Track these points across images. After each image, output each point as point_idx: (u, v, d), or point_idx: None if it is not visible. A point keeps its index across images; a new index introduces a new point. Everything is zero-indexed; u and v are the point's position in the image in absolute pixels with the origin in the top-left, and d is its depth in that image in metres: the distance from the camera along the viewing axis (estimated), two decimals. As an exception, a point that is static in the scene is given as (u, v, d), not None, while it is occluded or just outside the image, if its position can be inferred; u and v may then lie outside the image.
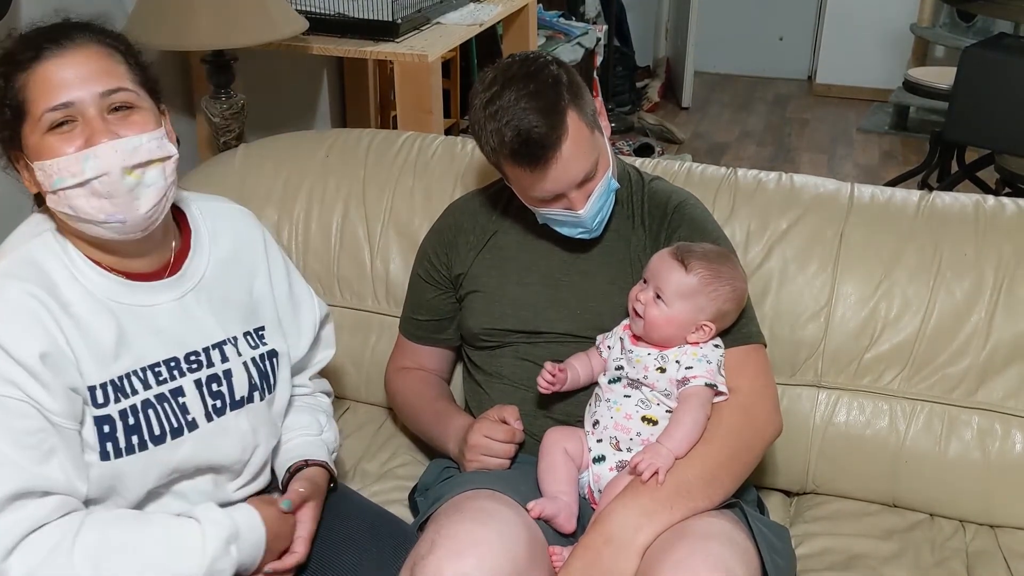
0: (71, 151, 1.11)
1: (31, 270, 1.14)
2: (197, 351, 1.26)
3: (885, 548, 1.53)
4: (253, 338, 1.35)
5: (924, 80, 4.17)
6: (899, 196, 1.73)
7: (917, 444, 1.61)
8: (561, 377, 1.44)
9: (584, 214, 1.44)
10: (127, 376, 1.19)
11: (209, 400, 1.26)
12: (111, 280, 1.19)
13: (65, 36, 1.14)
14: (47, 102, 1.11)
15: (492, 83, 1.39)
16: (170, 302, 1.24)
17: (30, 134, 1.13)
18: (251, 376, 1.32)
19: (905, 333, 1.62)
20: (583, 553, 1.25)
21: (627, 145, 4.51)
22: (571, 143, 1.37)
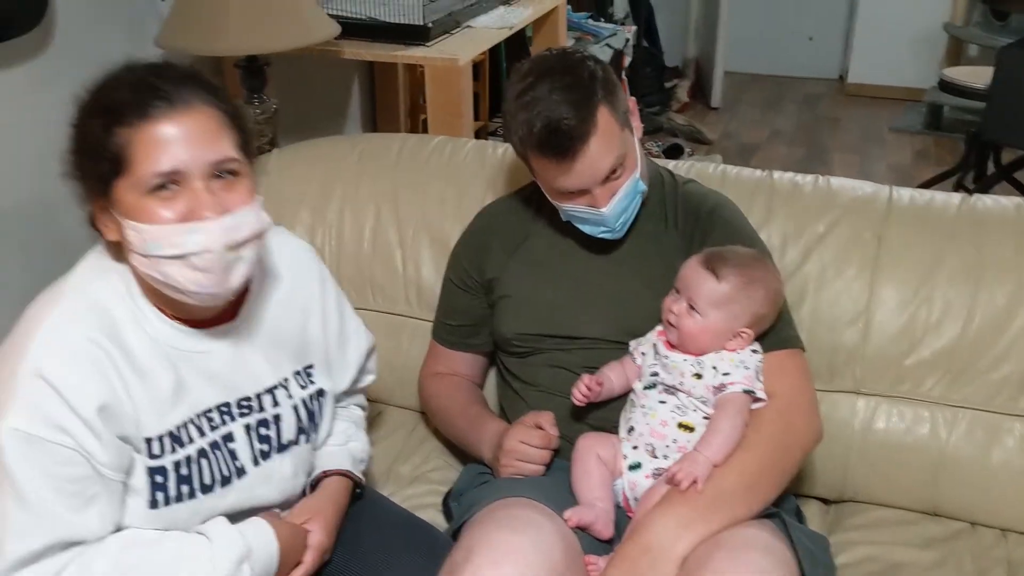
0: (171, 218, 1.07)
1: (95, 314, 1.11)
2: (249, 396, 1.25)
3: (926, 557, 1.51)
4: (302, 377, 1.34)
5: (960, 79, 4.11)
6: (939, 199, 1.70)
7: (958, 452, 1.59)
8: (597, 390, 1.43)
9: (607, 212, 1.43)
10: (183, 426, 1.17)
11: (257, 445, 1.25)
12: (173, 328, 1.17)
13: (176, 93, 1.08)
14: (153, 166, 1.06)
15: (528, 74, 1.39)
16: (224, 348, 1.22)
17: (127, 191, 1.08)
18: (300, 419, 1.31)
19: (946, 338, 1.60)
20: (620, 563, 1.24)
21: (656, 146, 4.49)
22: (599, 138, 1.36)
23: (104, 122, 1.07)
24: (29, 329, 1.10)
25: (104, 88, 1.11)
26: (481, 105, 3.94)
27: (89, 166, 1.10)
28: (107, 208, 1.11)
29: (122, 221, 1.09)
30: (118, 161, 1.07)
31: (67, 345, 1.08)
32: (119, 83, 1.10)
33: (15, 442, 1.04)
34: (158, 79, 1.09)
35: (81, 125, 1.10)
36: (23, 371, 1.06)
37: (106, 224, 1.12)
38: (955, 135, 4.87)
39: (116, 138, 1.07)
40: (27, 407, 1.05)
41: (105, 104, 1.09)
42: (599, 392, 1.43)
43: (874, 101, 5.66)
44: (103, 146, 1.07)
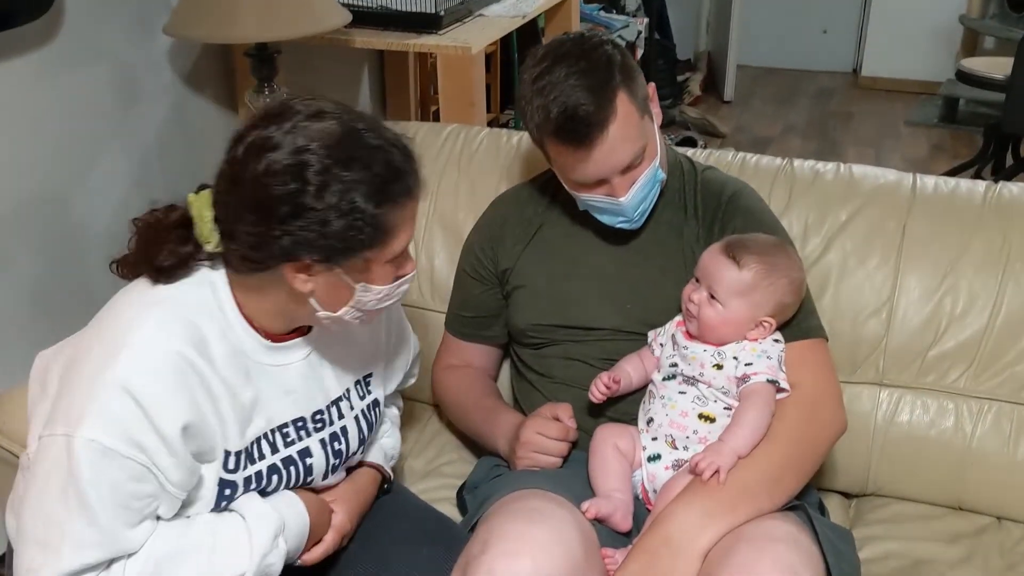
0: (396, 276, 1.15)
1: (188, 328, 1.10)
2: (322, 409, 1.25)
3: (951, 553, 1.48)
4: (362, 387, 1.34)
5: (978, 71, 4.06)
6: (964, 187, 1.67)
7: (984, 445, 1.55)
8: (615, 388, 1.40)
9: (626, 202, 1.39)
10: (258, 440, 1.18)
11: (332, 460, 1.26)
12: (256, 340, 1.17)
13: (416, 183, 1.13)
14: (406, 241, 1.14)
15: (543, 58, 1.36)
16: (299, 361, 1.22)
17: (373, 260, 1.11)
18: (361, 429, 1.32)
19: (972, 329, 1.56)
20: (640, 555, 1.21)
21: (669, 139, 4.43)
22: (619, 125, 1.33)
23: (371, 196, 1.07)
24: (119, 335, 1.07)
25: (357, 161, 1.07)
26: (492, 97, 3.91)
27: (337, 235, 1.06)
28: (322, 269, 1.09)
29: (349, 282, 1.12)
30: (378, 236, 1.09)
31: (158, 361, 1.06)
32: (373, 158, 1.08)
33: (91, 453, 1.02)
34: (410, 161, 1.12)
35: (329, 190, 1.05)
36: (109, 380, 1.03)
37: (295, 276, 1.10)
38: (971, 128, 4.83)
39: (385, 215, 1.08)
40: (108, 419, 1.03)
41: (366, 179, 1.07)
42: (617, 389, 1.41)
43: (888, 94, 5.62)
44: (367, 221, 1.07)
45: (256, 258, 1.09)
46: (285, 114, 1.07)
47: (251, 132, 1.07)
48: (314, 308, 1.14)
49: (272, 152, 1.04)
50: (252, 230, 1.06)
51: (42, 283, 2.07)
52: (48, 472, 1.04)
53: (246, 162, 1.06)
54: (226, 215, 1.09)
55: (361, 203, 1.06)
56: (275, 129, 1.06)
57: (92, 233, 2.13)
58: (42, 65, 2.00)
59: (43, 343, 1.21)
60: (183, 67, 2.42)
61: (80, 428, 1.02)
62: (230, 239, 1.10)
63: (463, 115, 2.49)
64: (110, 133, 2.21)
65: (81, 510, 1.03)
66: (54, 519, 1.04)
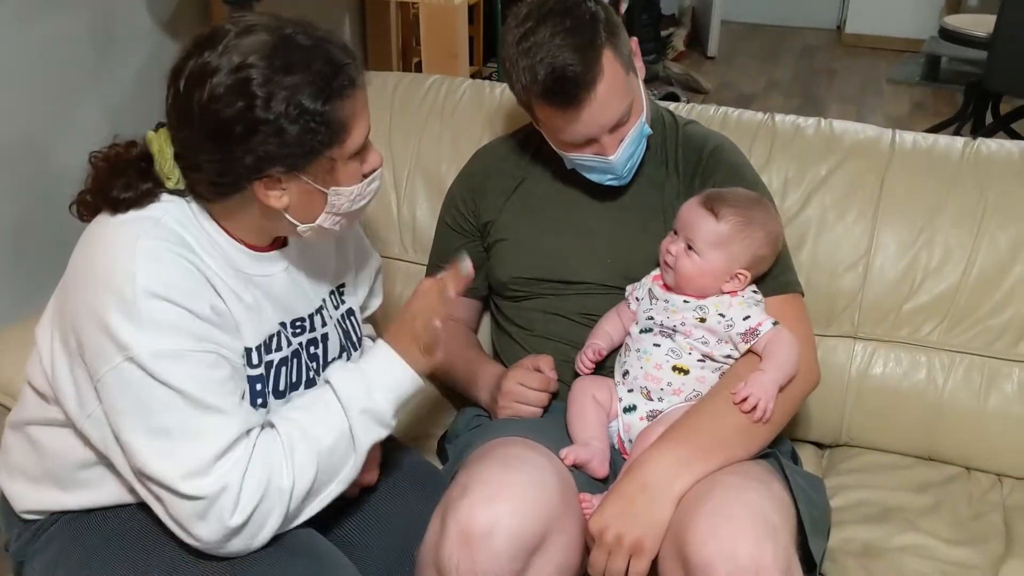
0: (364, 174, 1.16)
1: (175, 236, 1.11)
2: (303, 317, 1.27)
3: (921, 501, 1.51)
4: (336, 297, 1.36)
5: (961, 28, 4.05)
6: (942, 143, 1.68)
7: (955, 397, 1.58)
8: (600, 359, 1.42)
9: (615, 160, 1.40)
10: (274, 335, 1.21)
11: (308, 362, 1.27)
12: (240, 251, 1.19)
13: (358, 72, 1.12)
14: (364, 131, 1.14)
15: (527, 18, 1.34)
16: (281, 272, 1.24)
17: (337, 159, 1.12)
18: (340, 337, 1.33)
19: (946, 283, 1.59)
20: (617, 500, 1.23)
21: (652, 94, 4.43)
22: (606, 84, 1.32)
23: (317, 95, 1.07)
24: (118, 256, 1.08)
25: (296, 64, 1.07)
26: (476, 49, 3.88)
27: (295, 141, 1.07)
28: (290, 178, 1.10)
29: (319, 188, 1.12)
30: (335, 133, 1.09)
31: (167, 262, 1.08)
32: (311, 58, 1.08)
33: (162, 361, 1.05)
34: (346, 53, 1.12)
35: (276, 99, 1.05)
36: (138, 295, 1.05)
37: (267, 193, 1.11)
38: (953, 86, 4.84)
39: (336, 110, 1.08)
40: (158, 327, 1.06)
41: (309, 79, 1.06)
42: (601, 359, 1.43)
43: (872, 52, 5.61)
44: (322, 119, 1.07)
45: (224, 183, 1.10)
46: (215, 37, 1.08)
47: (187, 63, 1.08)
48: (291, 223, 1.15)
49: (212, 77, 1.05)
50: (214, 157, 1.08)
51: (19, 228, 2.05)
52: (134, 395, 1.06)
53: (189, 94, 1.06)
54: (185, 150, 1.10)
55: (309, 104, 1.06)
56: (209, 54, 1.06)
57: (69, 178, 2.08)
58: (18, 9, 1.97)
59: (21, 287, 1.21)
60: (161, 13, 2.38)
61: (137, 347, 1.04)
62: (194, 172, 1.11)
63: (445, 67, 2.47)
64: (87, 79, 2.18)
65: (190, 405, 1.06)
66: (170, 427, 1.06)
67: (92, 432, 1.12)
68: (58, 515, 1.23)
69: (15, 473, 1.25)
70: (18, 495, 1.25)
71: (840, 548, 1.42)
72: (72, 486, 1.20)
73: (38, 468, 1.22)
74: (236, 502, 1.08)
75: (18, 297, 2.03)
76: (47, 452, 1.21)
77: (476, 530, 1.14)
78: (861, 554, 1.41)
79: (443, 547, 1.16)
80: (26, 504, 1.24)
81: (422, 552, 1.22)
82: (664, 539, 1.21)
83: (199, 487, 1.06)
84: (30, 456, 1.23)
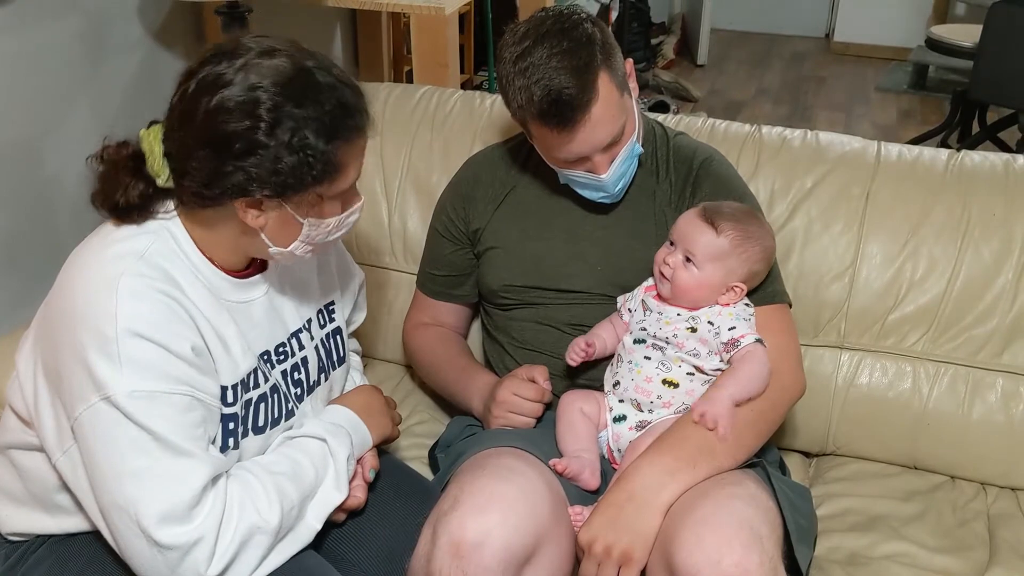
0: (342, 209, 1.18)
1: (158, 271, 1.11)
2: (284, 342, 1.27)
3: (906, 509, 1.53)
4: (324, 316, 1.36)
5: (947, 38, 4.09)
6: (927, 155, 1.70)
7: (940, 406, 1.60)
8: (591, 351, 1.43)
9: (606, 179, 1.41)
10: (251, 373, 1.20)
11: (293, 389, 1.28)
12: (221, 277, 1.18)
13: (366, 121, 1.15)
14: (355, 176, 1.16)
15: (524, 37, 1.35)
16: (261, 297, 1.24)
17: (323, 195, 1.13)
18: (320, 358, 1.34)
19: (931, 294, 1.60)
20: (606, 510, 1.24)
21: (642, 103, 4.46)
22: (601, 106, 1.34)
23: (321, 133, 1.08)
24: (101, 293, 1.07)
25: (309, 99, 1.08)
26: (466, 57, 3.89)
27: (289, 171, 1.08)
28: (272, 204, 1.11)
29: (298, 217, 1.13)
30: (328, 172, 1.11)
31: (149, 300, 1.08)
32: (324, 96, 1.09)
33: (138, 402, 1.05)
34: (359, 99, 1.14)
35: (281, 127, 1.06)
36: (119, 334, 1.05)
37: (247, 211, 1.11)
38: (940, 95, 4.87)
39: (336, 151, 1.10)
40: (137, 367, 1.05)
41: (317, 116, 1.08)
42: (592, 353, 1.43)
43: (860, 60, 5.64)
44: (317, 157, 1.08)
45: (208, 194, 1.10)
46: (237, 51, 1.08)
47: (203, 68, 1.08)
48: (265, 243, 1.15)
49: (225, 89, 1.05)
50: (204, 166, 1.07)
51: (11, 235, 2.05)
52: (107, 438, 1.05)
53: (198, 98, 1.06)
54: (178, 151, 1.10)
55: (312, 140, 1.07)
56: (227, 66, 1.07)
57: (61, 186, 2.12)
58: (10, 17, 1.97)
59: (12, 295, 1.21)
60: (153, 23, 2.39)
61: (115, 386, 1.04)
62: (181, 175, 1.11)
63: (436, 76, 2.48)
64: (79, 87, 2.19)
65: (162, 448, 1.06)
66: (142, 470, 1.05)
67: (65, 468, 1.11)
68: (44, 537, 1.23)
69: (0, 496, 1.25)
70: (3, 517, 1.24)
71: (826, 556, 1.43)
72: (55, 510, 1.20)
73: (22, 491, 1.22)
74: (212, 553, 1.07)
75: (11, 304, 2.03)
76: (30, 476, 1.20)
77: (467, 541, 1.15)
78: (847, 562, 1.42)
79: (434, 559, 1.16)
80: (11, 526, 1.24)
81: (413, 564, 1.22)
82: (652, 549, 1.22)
83: (173, 535, 1.05)
84: (14, 479, 1.22)
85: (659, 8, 5.71)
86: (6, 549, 1.25)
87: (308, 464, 1.21)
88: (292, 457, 1.21)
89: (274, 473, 1.17)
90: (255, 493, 1.14)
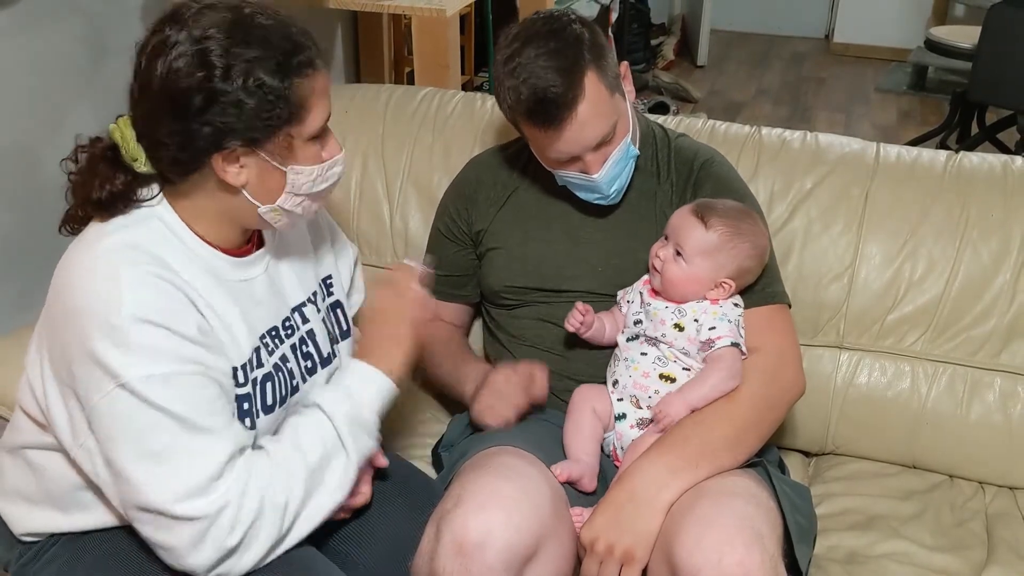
0: (324, 158, 1.17)
1: (153, 259, 1.11)
2: (288, 316, 1.28)
3: (905, 508, 1.54)
4: (323, 290, 1.38)
5: (946, 39, 4.10)
6: (926, 156, 1.71)
7: (939, 406, 1.61)
8: (589, 319, 1.43)
9: (599, 179, 1.42)
10: (256, 350, 1.20)
11: (302, 362, 1.29)
12: (219, 257, 1.19)
13: (316, 55, 1.14)
14: (323, 116, 1.15)
15: (514, 39, 1.37)
16: (261, 275, 1.25)
17: (296, 138, 1.13)
18: (329, 330, 1.35)
19: (929, 294, 1.61)
20: (607, 509, 1.25)
21: (642, 104, 4.46)
22: (588, 105, 1.35)
23: (275, 71, 1.09)
24: (102, 286, 1.08)
25: (255, 40, 1.09)
26: (467, 58, 3.90)
27: (253, 115, 1.08)
28: (248, 154, 1.11)
29: (277, 165, 1.13)
30: (293, 111, 1.11)
31: (151, 286, 1.09)
32: (271, 35, 1.10)
33: (153, 386, 1.06)
34: (306, 36, 1.14)
35: (235, 71, 1.07)
36: (125, 321, 1.06)
37: (226, 169, 1.12)
38: (940, 95, 4.88)
39: (294, 88, 1.10)
40: (147, 352, 1.06)
41: (267, 55, 1.08)
42: (591, 322, 1.43)
43: (860, 60, 5.65)
44: (280, 95, 1.09)
45: (184, 159, 1.11)
46: (176, 14, 1.10)
47: (149, 40, 1.10)
48: (253, 203, 1.15)
49: (173, 49, 1.07)
50: (173, 129, 1.09)
51: (12, 238, 2.06)
52: (127, 421, 1.07)
53: (150, 67, 1.08)
54: (145, 126, 1.11)
55: (268, 79, 1.08)
56: (170, 29, 1.09)
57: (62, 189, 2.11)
58: (12, 20, 1.98)
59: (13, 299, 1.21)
60: (154, 25, 2.39)
61: (127, 373, 1.05)
62: (156, 150, 1.12)
63: (437, 77, 2.49)
64: (80, 89, 2.19)
65: (182, 427, 1.07)
66: (162, 451, 1.07)
67: (84, 462, 1.13)
68: (57, 536, 1.23)
69: (13, 496, 1.25)
70: (16, 518, 1.25)
71: (825, 555, 1.44)
72: (71, 507, 1.21)
73: (36, 490, 1.23)
74: (235, 520, 1.09)
75: (12, 306, 2.04)
76: (46, 475, 1.21)
77: (470, 540, 1.16)
78: (846, 561, 1.43)
79: (437, 557, 1.17)
80: (25, 526, 1.24)
81: (416, 563, 1.23)
82: (654, 547, 1.23)
83: (196, 508, 1.07)
84: (28, 479, 1.23)
85: (659, 9, 5.71)
86: (19, 548, 1.26)
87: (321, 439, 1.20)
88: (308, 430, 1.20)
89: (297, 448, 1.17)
90: (277, 466, 1.14)
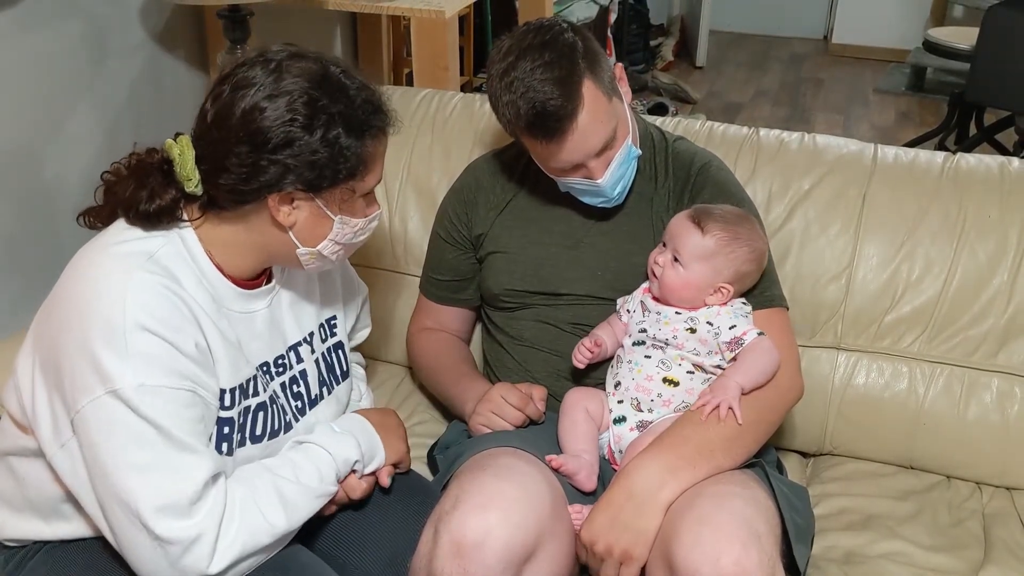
0: (366, 213, 1.23)
1: (164, 270, 1.13)
2: (283, 354, 1.30)
3: (902, 509, 1.54)
4: (326, 329, 1.39)
5: (945, 40, 4.11)
6: (923, 157, 1.72)
7: (936, 406, 1.61)
8: (597, 351, 1.44)
9: (603, 183, 1.42)
10: (251, 379, 1.22)
11: (293, 402, 1.30)
12: (227, 286, 1.21)
13: (388, 121, 1.21)
14: (378, 177, 1.21)
15: (508, 53, 1.37)
16: (264, 309, 1.27)
17: (350, 192, 1.18)
18: (321, 372, 1.36)
19: (927, 295, 1.62)
20: (606, 508, 1.26)
21: (641, 105, 4.47)
22: (587, 113, 1.35)
23: (352, 129, 1.14)
24: (109, 288, 1.09)
25: (340, 97, 1.13)
26: (466, 60, 3.90)
27: (323, 164, 1.13)
28: (304, 198, 1.15)
29: (328, 214, 1.18)
30: (358, 167, 1.16)
31: (157, 296, 1.10)
32: (354, 95, 1.15)
33: (144, 396, 1.06)
34: (384, 100, 1.20)
35: (317, 121, 1.11)
36: (127, 326, 1.06)
37: (279, 208, 1.15)
38: (938, 96, 4.89)
39: (365, 147, 1.16)
40: (143, 361, 1.07)
41: (349, 112, 1.14)
42: (599, 353, 1.44)
43: (858, 61, 5.66)
44: (350, 152, 1.14)
45: (244, 189, 1.13)
46: (266, 57, 1.14)
47: (236, 71, 1.13)
48: (294, 243, 1.18)
49: (260, 88, 1.11)
50: (241, 161, 1.11)
51: (14, 239, 2.07)
52: (111, 431, 1.06)
53: (233, 99, 1.11)
54: (212, 152, 1.13)
55: (344, 134, 1.13)
56: (259, 69, 1.12)
57: (63, 189, 2.13)
58: (14, 21, 1.98)
59: (14, 298, 1.22)
60: (155, 26, 2.40)
61: (121, 379, 1.05)
62: (217, 175, 1.13)
63: (436, 78, 2.50)
64: (81, 90, 2.20)
65: (166, 441, 1.07)
66: (144, 463, 1.07)
67: (63, 464, 1.12)
68: (41, 543, 1.23)
69: None
70: (0, 523, 1.25)
71: (823, 555, 1.44)
72: (52, 517, 1.21)
73: (19, 498, 1.22)
74: (213, 550, 1.09)
75: (12, 308, 2.05)
76: (27, 483, 1.21)
77: (468, 540, 1.16)
78: (844, 561, 1.43)
79: (436, 559, 1.18)
80: (8, 532, 1.25)
81: (414, 564, 1.23)
82: (652, 546, 1.23)
83: (174, 529, 1.06)
84: (11, 486, 1.23)
85: (658, 10, 5.72)
86: (4, 555, 1.26)
87: (312, 468, 1.22)
88: (295, 461, 1.22)
89: (278, 476, 1.19)
90: (258, 495, 1.15)
